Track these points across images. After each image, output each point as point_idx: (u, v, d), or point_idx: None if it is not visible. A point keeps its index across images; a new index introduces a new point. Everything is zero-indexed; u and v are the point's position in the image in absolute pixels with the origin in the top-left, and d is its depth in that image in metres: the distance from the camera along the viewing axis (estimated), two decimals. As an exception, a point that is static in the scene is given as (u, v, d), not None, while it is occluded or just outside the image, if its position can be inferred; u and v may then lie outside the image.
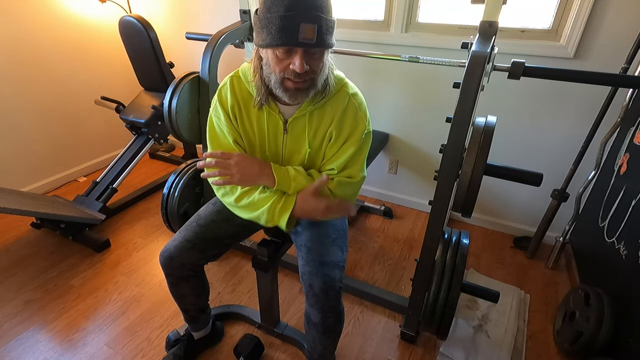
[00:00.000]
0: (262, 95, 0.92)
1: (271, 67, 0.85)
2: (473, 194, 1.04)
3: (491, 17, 1.03)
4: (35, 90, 2.16)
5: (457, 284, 1.14)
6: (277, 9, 0.75)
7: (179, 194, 1.54)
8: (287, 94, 0.87)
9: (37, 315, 1.49)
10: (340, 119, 0.96)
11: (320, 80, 0.88)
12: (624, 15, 1.43)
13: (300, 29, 0.75)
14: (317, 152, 1.01)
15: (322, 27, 0.77)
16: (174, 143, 2.96)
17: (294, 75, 0.83)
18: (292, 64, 0.81)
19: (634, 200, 1.29)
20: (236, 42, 1.68)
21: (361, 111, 0.98)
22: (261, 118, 0.98)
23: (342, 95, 0.96)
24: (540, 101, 1.71)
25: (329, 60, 0.89)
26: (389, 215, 2.18)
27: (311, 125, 0.97)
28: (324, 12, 0.78)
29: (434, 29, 1.81)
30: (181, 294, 1.18)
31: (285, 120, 0.97)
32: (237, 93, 0.97)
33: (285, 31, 0.76)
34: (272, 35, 0.77)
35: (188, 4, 2.38)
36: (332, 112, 0.95)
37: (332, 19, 0.81)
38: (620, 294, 1.27)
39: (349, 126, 0.97)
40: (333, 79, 0.94)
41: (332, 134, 0.97)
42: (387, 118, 2.09)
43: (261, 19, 0.79)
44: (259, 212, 0.97)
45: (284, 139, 1.00)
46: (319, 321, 1.03)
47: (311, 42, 0.77)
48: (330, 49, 0.85)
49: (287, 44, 0.78)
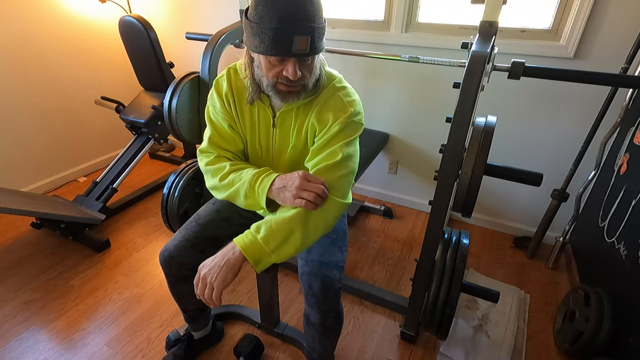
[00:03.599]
0: (254, 92, 0.92)
1: (263, 72, 0.84)
2: (473, 194, 1.04)
3: (491, 17, 1.03)
4: (35, 90, 2.16)
5: (457, 284, 1.14)
6: (270, 20, 0.74)
7: (179, 194, 1.53)
8: (279, 96, 0.87)
9: (37, 315, 1.49)
10: (320, 109, 0.92)
11: (311, 82, 0.88)
12: (624, 15, 1.43)
13: (294, 40, 0.75)
14: (302, 148, 0.99)
15: (314, 36, 0.77)
16: (174, 143, 2.96)
17: (286, 81, 0.83)
18: (285, 70, 0.81)
19: (634, 200, 1.29)
20: (236, 42, 1.68)
21: (345, 100, 0.92)
22: (253, 112, 0.98)
23: (329, 89, 0.94)
24: (540, 101, 1.71)
25: (320, 60, 0.89)
26: (389, 215, 2.18)
27: (296, 120, 0.96)
28: (317, 21, 0.77)
29: (434, 29, 1.81)
30: (181, 293, 1.18)
31: (274, 113, 0.97)
32: (233, 84, 0.98)
33: (279, 42, 0.75)
34: (265, 45, 0.77)
35: (188, 4, 2.38)
36: (316, 105, 0.94)
37: (323, 24, 0.80)
38: (620, 294, 1.27)
39: (331, 113, 0.91)
40: (324, 74, 0.93)
41: (315, 126, 0.93)
42: (387, 118, 2.09)
43: (253, 26, 0.78)
44: (238, 184, 0.91)
45: (273, 134, 1.00)
46: (318, 321, 1.03)
47: (304, 52, 0.77)
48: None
49: (281, 54, 0.78)
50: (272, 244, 0.82)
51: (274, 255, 0.83)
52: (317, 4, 0.77)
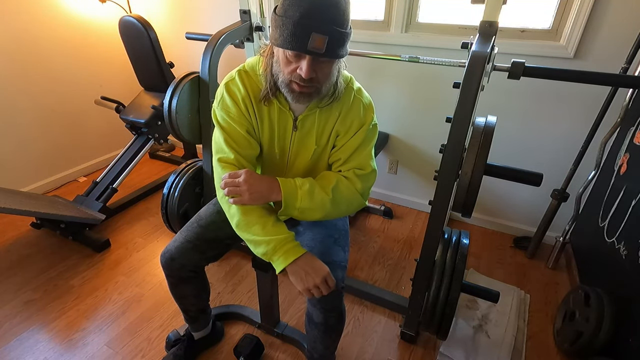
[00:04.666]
0: (270, 89, 0.92)
1: (280, 67, 0.86)
2: (473, 194, 1.04)
3: (491, 17, 1.03)
4: (35, 90, 2.16)
5: (457, 284, 1.14)
6: (293, 13, 0.76)
7: (179, 194, 1.54)
8: (291, 95, 0.88)
9: (37, 315, 1.49)
10: (345, 115, 0.97)
11: (325, 88, 0.88)
12: (624, 15, 1.43)
13: (311, 37, 0.76)
14: (323, 150, 1.02)
15: (333, 39, 0.78)
16: (174, 143, 2.96)
17: (299, 79, 0.83)
18: (299, 68, 0.81)
19: (634, 200, 1.29)
20: (236, 42, 1.68)
21: (366, 104, 1.00)
22: (272, 114, 0.97)
23: (348, 93, 0.97)
24: (540, 101, 1.71)
25: (338, 68, 0.90)
26: (389, 215, 2.18)
27: (320, 123, 0.98)
28: (338, 25, 0.78)
29: (434, 29, 1.81)
30: (182, 294, 1.19)
31: (295, 117, 0.97)
32: (248, 86, 0.96)
33: (297, 37, 0.77)
34: (284, 37, 0.78)
35: (188, 4, 2.38)
36: (338, 109, 0.97)
37: (347, 31, 0.81)
38: (620, 294, 1.27)
39: (355, 120, 0.98)
40: (342, 80, 0.94)
41: (338, 131, 0.99)
42: (387, 118, 2.09)
43: (277, 19, 0.80)
44: (261, 238, 0.93)
45: (292, 137, 1.00)
46: (321, 321, 1.03)
47: (320, 52, 0.78)
48: (340, 59, 0.86)
49: (296, 49, 0.78)
50: (305, 202, 0.94)
51: (297, 212, 0.94)
52: (343, 10, 0.78)
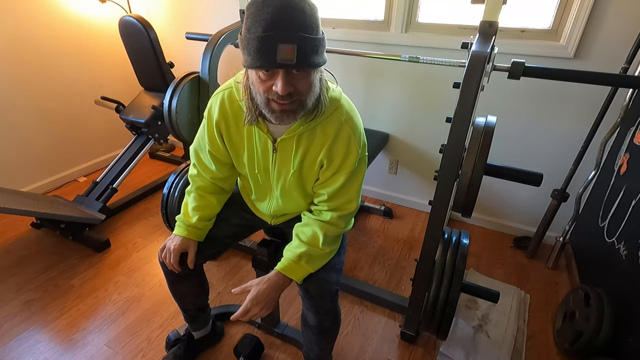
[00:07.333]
0: (251, 115, 0.87)
1: (255, 88, 0.80)
2: (473, 194, 1.04)
3: (491, 17, 1.03)
4: (35, 90, 2.16)
5: (457, 284, 1.14)
6: (256, 29, 0.70)
7: (179, 194, 1.53)
8: (273, 115, 0.82)
9: (37, 315, 1.49)
10: (330, 147, 0.91)
11: (310, 101, 0.82)
12: (624, 15, 1.43)
13: (278, 49, 0.69)
14: (307, 174, 0.98)
15: (303, 46, 0.71)
16: (174, 143, 2.96)
17: (277, 97, 0.77)
18: (274, 85, 0.75)
19: (634, 200, 1.29)
20: (236, 42, 1.68)
21: (355, 137, 0.91)
22: (250, 135, 0.95)
23: (334, 120, 0.90)
24: (540, 101, 1.71)
25: (320, 79, 0.83)
26: (389, 215, 2.18)
27: (298, 148, 0.92)
28: (307, 31, 0.71)
29: (434, 29, 1.81)
30: (180, 293, 1.19)
31: (274, 139, 0.93)
32: (228, 108, 0.94)
33: (263, 52, 0.71)
34: (251, 56, 0.73)
35: (188, 4, 2.38)
36: (322, 138, 0.90)
37: (318, 36, 0.73)
38: (620, 294, 1.27)
39: (340, 155, 0.91)
40: (327, 98, 0.87)
41: (322, 162, 0.93)
42: (387, 118, 2.09)
43: (242, 39, 0.75)
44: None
45: (273, 157, 0.96)
46: (315, 323, 1.04)
47: (291, 63, 0.71)
48: (317, 68, 0.78)
49: (266, 66, 0.73)
50: (310, 268, 0.98)
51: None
52: (310, 14, 0.71)
